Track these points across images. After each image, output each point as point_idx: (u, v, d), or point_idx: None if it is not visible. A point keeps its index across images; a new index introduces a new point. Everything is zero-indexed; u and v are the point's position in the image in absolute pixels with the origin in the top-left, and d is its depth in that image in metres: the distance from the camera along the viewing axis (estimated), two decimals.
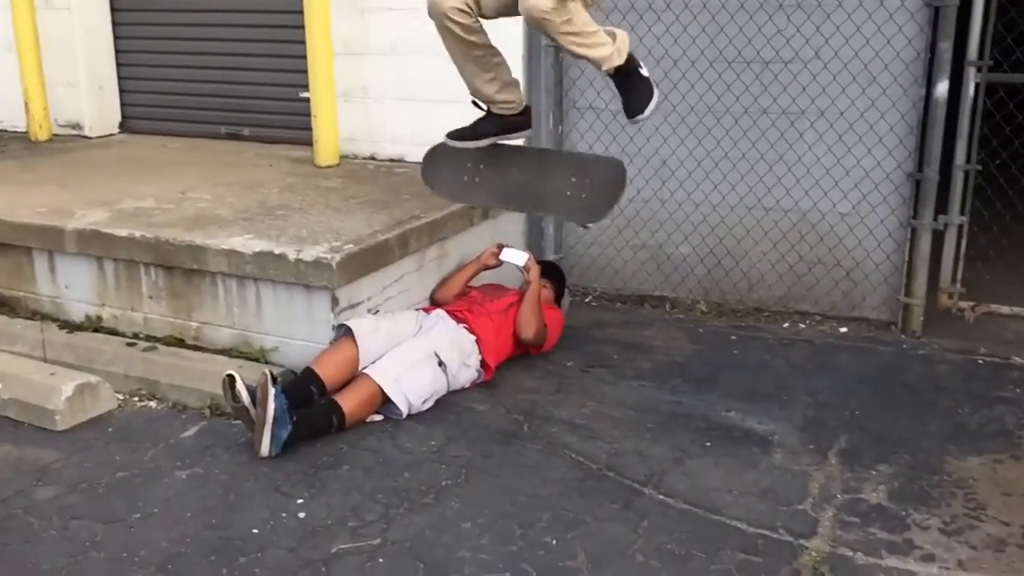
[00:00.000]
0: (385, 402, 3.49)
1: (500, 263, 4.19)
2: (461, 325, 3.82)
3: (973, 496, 2.98)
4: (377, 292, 3.90)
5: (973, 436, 3.39)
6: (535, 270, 4.14)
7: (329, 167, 5.10)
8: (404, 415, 3.49)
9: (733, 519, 2.88)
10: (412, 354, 3.56)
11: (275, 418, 3.17)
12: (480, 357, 3.78)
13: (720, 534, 2.81)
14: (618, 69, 3.13)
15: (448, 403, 3.63)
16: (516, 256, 4.19)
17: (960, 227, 4.29)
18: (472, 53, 3.21)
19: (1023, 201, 4.49)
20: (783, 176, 4.46)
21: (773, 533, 2.80)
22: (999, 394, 3.72)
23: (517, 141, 3.67)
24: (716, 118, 4.53)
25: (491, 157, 3.58)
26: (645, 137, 4.67)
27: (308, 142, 5.21)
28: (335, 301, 3.67)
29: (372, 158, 5.30)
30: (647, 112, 3.18)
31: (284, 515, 2.90)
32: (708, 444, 3.36)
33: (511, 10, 3.07)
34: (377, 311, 3.88)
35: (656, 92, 3.18)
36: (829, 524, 2.85)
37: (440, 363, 3.60)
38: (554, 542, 2.76)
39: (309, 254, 3.66)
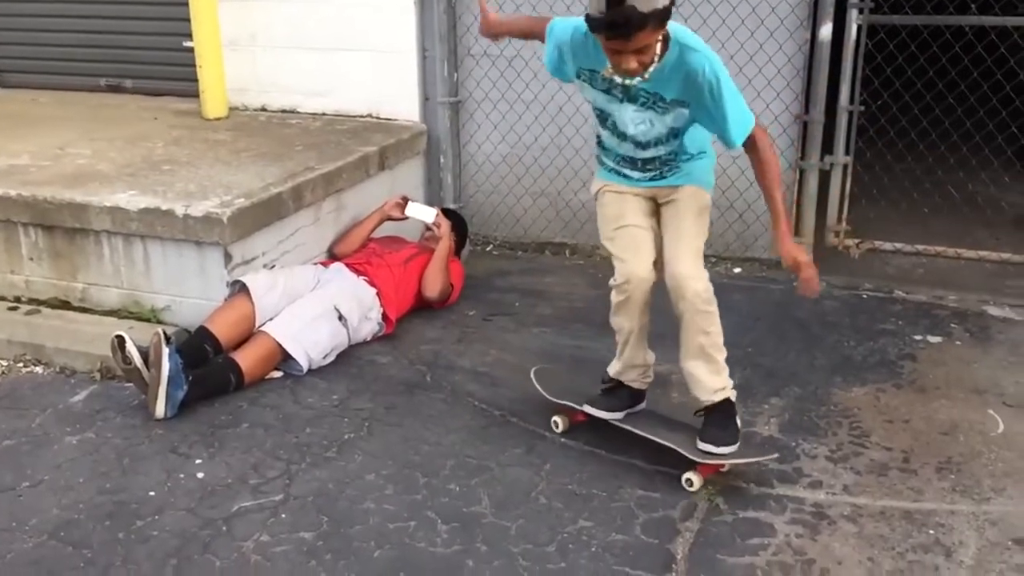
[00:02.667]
0: (285, 358, 3.43)
1: (405, 217, 4.14)
2: (361, 278, 3.77)
3: (858, 424, 3.12)
4: (272, 247, 3.81)
5: (858, 367, 3.54)
6: (446, 226, 4.12)
7: (217, 119, 4.92)
8: (304, 371, 3.44)
9: (633, 458, 2.95)
10: (311, 309, 3.51)
11: (169, 379, 3.08)
12: (381, 310, 3.75)
13: (620, 473, 2.87)
14: (720, 403, 2.83)
15: (349, 356, 3.59)
16: (423, 212, 4.15)
17: (845, 167, 4.43)
18: (644, 320, 2.91)
19: (904, 140, 4.66)
20: None
21: (671, 469, 2.87)
22: (882, 327, 3.89)
23: None
24: None
25: None
26: (541, 84, 4.65)
27: (195, 94, 5.01)
28: (228, 257, 3.57)
29: (263, 109, 5.14)
30: (719, 451, 2.75)
31: (182, 476, 2.84)
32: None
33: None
34: (273, 266, 3.79)
35: (737, 445, 2.78)
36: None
37: (340, 317, 3.55)
38: (458, 489, 2.78)
39: (198, 209, 3.54)
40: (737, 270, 4.54)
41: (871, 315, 4.01)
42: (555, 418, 3.10)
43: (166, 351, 3.07)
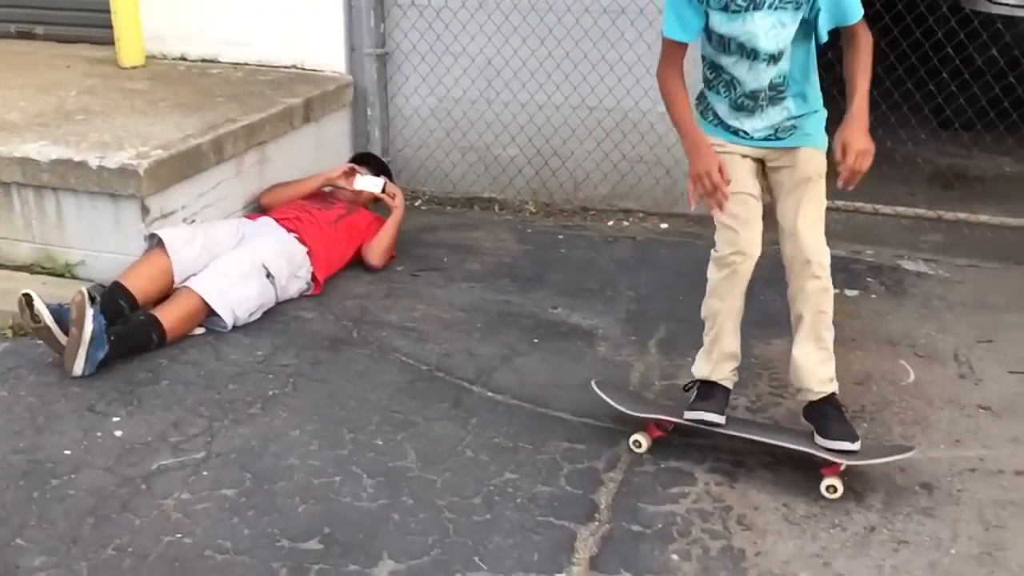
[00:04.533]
0: (209, 315, 3.36)
1: (353, 189, 4.06)
2: (292, 235, 3.70)
3: (776, 376, 3.20)
4: (192, 200, 3.71)
5: (778, 321, 3.58)
6: (400, 197, 4.07)
7: (134, 68, 4.75)
8: (229, 328, 3.38)
9: (559, 411, 2.98)
10: (239, 265, 3.43)
11: (92, 339, 3.00)
12: (311, 270, 3.69)
13: (546, 425, 2.90)
14: (830, 396, 2.68)
15: (274, 312, 3.54)
16: (371, 183, 4.08)
17: None
18: (742, 302, 2.73)
19: (827, 98, 4.71)
20: (605, 75, 4.51)
21: (596, 421, 2.92)
22: None
23: None
24: (539, 16, 4.50)
25: None
26: (470, 36, 4.59)
27: (110, 41, 4.82)
28: (145, 210, 3.47)
29: (182, 58, 4.98)
30: (852, 447, 2.55)
31: (99, 435, 2.78)
32: (536, 341, 3.43)
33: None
34: (194, 220, 3.70)
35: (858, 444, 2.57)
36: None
37: (269, 275, 3.49)
38: (384, 444, 2.78)
39: (113, 161, 3.43)
40: (664, 226, 4.58)
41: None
42: (635, 437, 2.73)
43: (90, 312, 2.99)
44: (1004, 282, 3.93)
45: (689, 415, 2.69)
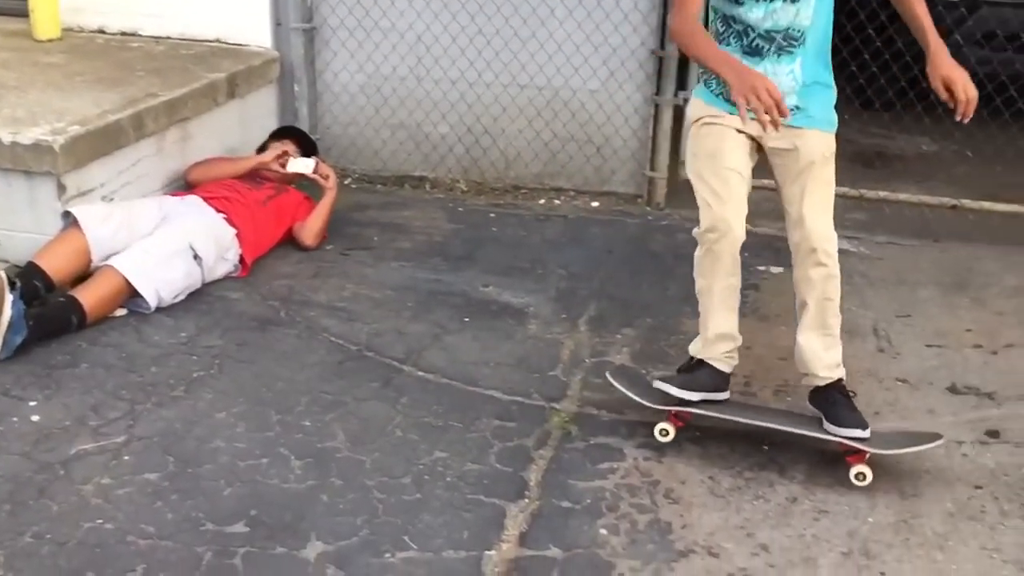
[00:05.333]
0: (131, 296, 3.27)
1: (288, 173, 3.98)
2: (220, 216, 3.62)
3: None
4: (112, 178, 3.60)
5: None
6: (333, 178, 4.00)
7: (50, 41, 4.57)
8: (152, 310, 3.29)
9: (489, 389, 2.98)
10: (166, 246, 3.34)
11: (10, 324, 2.90)
12: (239, 252, 3.62)
13: (477, 404, 2.90)
14: (837, 382, 2.64)
15: (200, 293, 3.46)
16: (303, 164, 4.00)
17: None
18: (733, 279, 2.63)
19: None
20: (536, 53, 4.49)
21: (526, 399, 2.93)
22: None
23: None
24: None
25: None
26: (399, 11, 4.53)
27: (24, 13, 4.63)
28: (62, 188, 3.36)
29: (101, 31, 4.81)
30: (864, 434, 2.53)
31: (15, 420, 2.69)
32: (466, 319, 3.43)
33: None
34: (113, 199, 3.59)
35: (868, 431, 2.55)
36: (578, 387, 3.01)
37: (195, 256, 3.41)
38: (312, 424, 2.75)
39: (27, 137, 3.31)
40: (595, 204, 4.60)
41: None
42: (662, 426, 2.66)
43: (9, 298, 2.89)
44: (921, 259, 4.05)
45: (656, 384, 2.64)
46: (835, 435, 2.56)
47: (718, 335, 2.66)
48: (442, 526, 2.35)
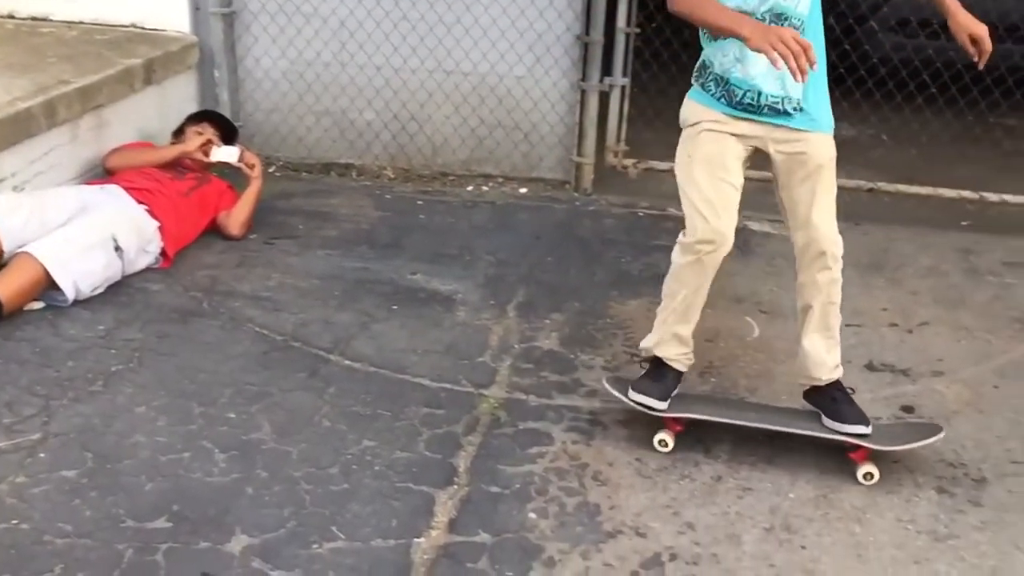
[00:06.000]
0: (48, 287, 3.16)
1: (211, 162, 3.88)
2: (142, 207, 3.52)
3: (631, 335, 3.28)
4: (23, 167, 3.48)
5: (633, 282, 3.71)
6: (259, 167, 3.92)
7: None
8: (69, 302, 3.19)
9: (418, 376, 2.96)
10: (87, 236, 3.24)
11: None
12: (161, 245, 3.53)
13: (405, 392, 2.88)
14: (837, 381, 2.64)
15: (118, 284, 3.36)
16: (227, 153, 3.91)
17: (623, 88, 4.55)
18: (707, 287, 2.60)
19: (677, 63, 4.84)
20: (461, 39, 4.47)
21: (455, 386, 2.92)
22: (656, 243, 4.07)
23: None
24: None
25: None
26: None
27: None
28: None
29: (10, 16, 4.63)
30: (868, 430, 2.53)
31: None
32: (394, 307, 3.40)
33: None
34: (24, 188, 3.47)
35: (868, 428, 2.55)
36: (506, 372, 3.01)
37: (117, 247, 3.31)
38: (237, 417, 2.70)
39: None
40: (523, 190, 4.61)
41: (647, 232, 4.20)
42: (660, 437, 2.61)
43: None
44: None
45: (634, 396, 2.61)
46: (838, 432, 2.55)
47: (681, 338, 2.64)
48: (371, 515, 2.33)
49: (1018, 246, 4.10)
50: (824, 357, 2.59)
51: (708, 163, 2.49)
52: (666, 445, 2.61)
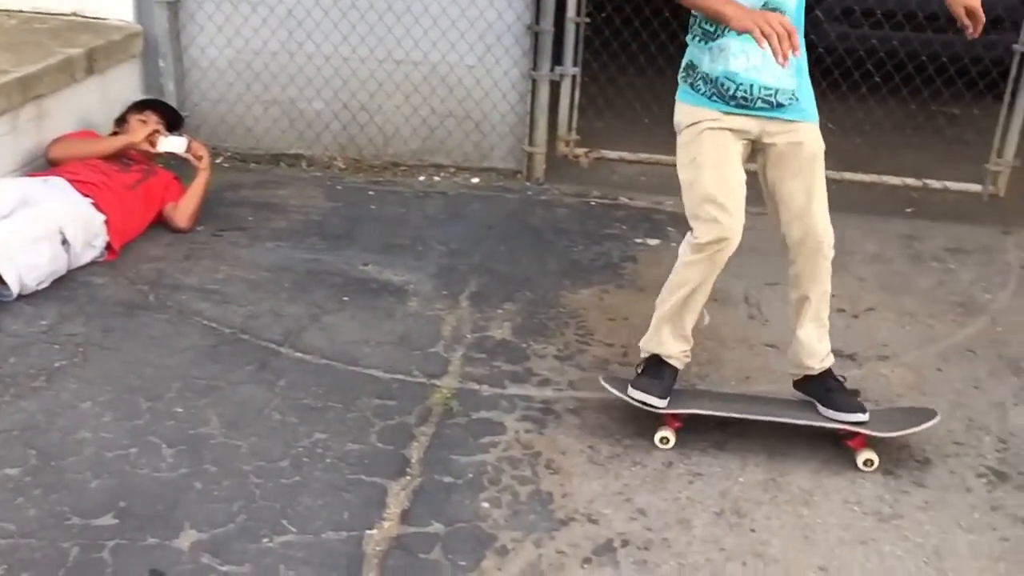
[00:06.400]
0: None
1: (159, 152, 3.80)
2: (87, 200, 3.44)
3: (583, 324, 3.29)
4: None
5: (585, 270, 3.72)
6: (207, 157, 3.85)
7: None
8: (13, 297, 3.12)
9: (369, 368, 2.95)
10: (32, 229, 3.17)
11: None
12: (106, 239, 3.46)
13: (357, 384, 2.86)
14: (829, 370, 2.67)
15: (62, 278, 3.30)
16: (175, 143, 3.83)
17: (574, 78, 4.56)
18: (709, 286, 2.60)
19: (626, 53, 4.86)
20: (411, 28, 4.44)
21: (407, 377, 2.91)
22: (608, 231, 4.10)
23: None
24: None
25: None
26: None
27: None
28: None
29: None
30: (865, 417, 2.56)
31: None
32: (345, 299, 3.38)
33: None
34: None
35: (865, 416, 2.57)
36: (459, 362, 3.01)
37: (64, 241, 3.24)
38: (185, 411, 2.66)
39: None
40: (475, 180, 4.60)
41: (598, 221, 4.22)
42: (662, 434, 2.60)
43: None
44: None
45: (634, 394, 2.59)
46: (836, 420, 2.57)
47: (683, 335, 2.65)
48: (322, 508, 2.31)
49: (960, 232, 4.20)
50: (816, 347, 2.62)
51: (714, 163, 2.48)
52: (667, 442, 2.60)
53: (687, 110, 2.54)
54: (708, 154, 2.49)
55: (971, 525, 2.36)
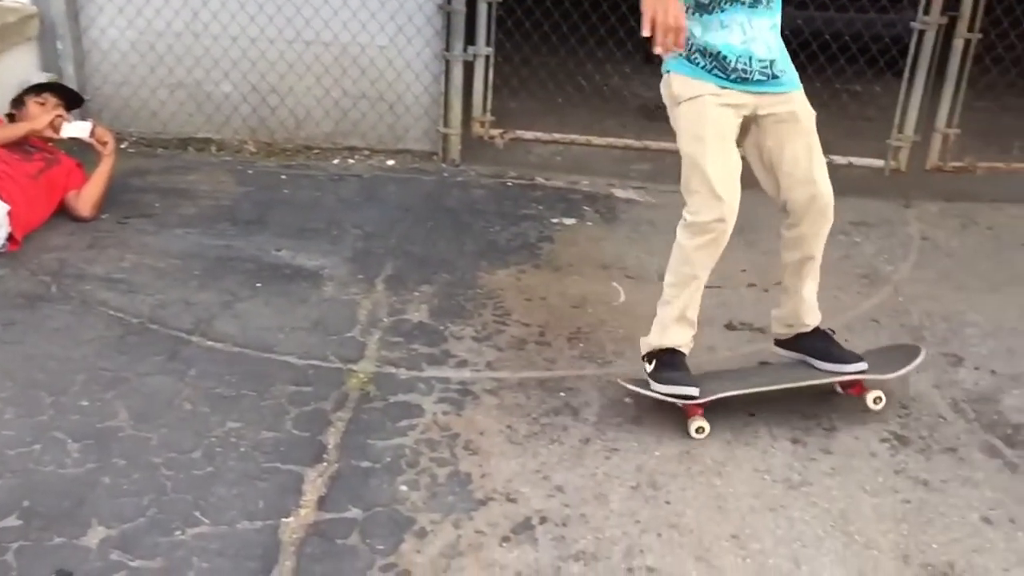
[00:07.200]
0: None
1: (59, 137, 3.66)
2: None
3: (501, 304, 3.30)
4: None
5: (502, 251, 3.73)
6: (112, 143, 3.71)
7: None
8: None
9: (284, 354, 2.90)
10: None
11: None
12: (8, 230, 3.32)
13: (271, 371, 2.82)
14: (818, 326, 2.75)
15: None
16: (79, 128, 3.68)
17: (487, 58, 4.54)
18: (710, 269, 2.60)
19: (539, 33, 4.87)
20: (320, 8, 4.36)
21: (323, 362, 2.87)
22: (524, 212, 4.11)
23: None
24: None
25: None
26: None
27: None
28: None
29: None
30: (860, 367, 2.69)
31: None
32: (258, 285, 3.32)
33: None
34: None
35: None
36: (376, 346, 2.98)
37: None
38: (91, 404, 2.58)
39: None
40: (390, 162, 4.56)
41: (515, 201, 4.22)
42: (696, 424, 2.58)
43: None
44: None
45: (666, 390, 2.59)
46: (844, 373, 2.69)
47: (690, 322, 2.65)
48: (236, 497, 2.27)
49: (864, 206, 4.32)
50: (814, 303, 2.72)
51: (718, 140, 2.48)
52: (703, 431, 2.59)
53: (686, 82, 2.51)
54: (713, 130, 2.48)
55: (875, 488, 2.44)
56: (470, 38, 4.46)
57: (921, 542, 2.25)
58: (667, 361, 2.64)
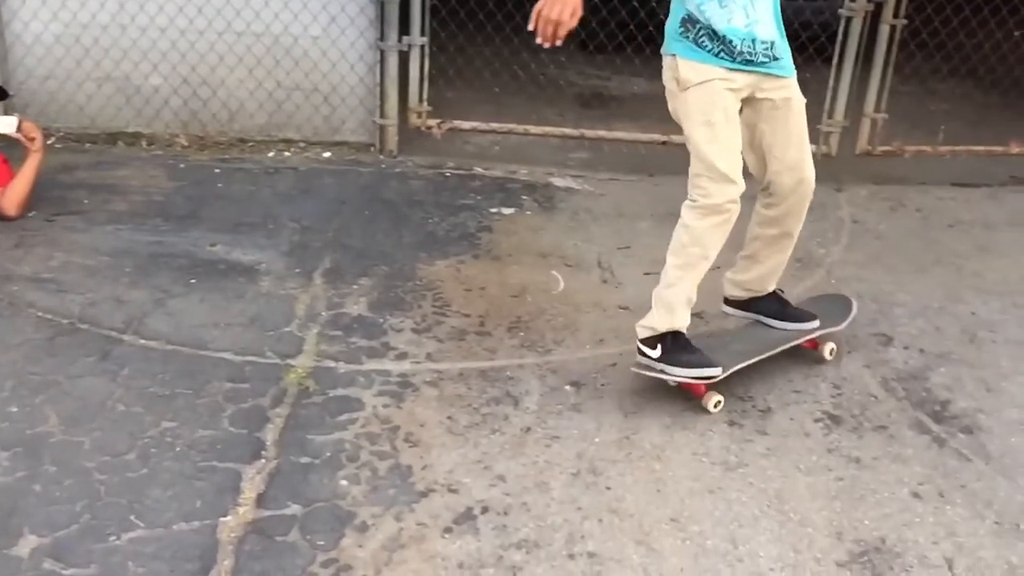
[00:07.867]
0: None
1: None
2: None
3: (440, 295, 3.29)
4: None
5: (441, 242, 3.72)
6: (39, 138, 3.60)
7: None
8: None
9: (220, 351, 2.86)
10: None
11: None
12: None
13: (207, 368, 2.77)
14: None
15: None
16: (5, 124, 3.57)
17: (422, 48, 4.52)
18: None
19: (473, 22, 4.85)
20: None
21: (260, 358, 2.84)
22: (463, 202, 4.10)
23: None
24: None
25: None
26: None
27: None
28: None
29: None
30: (816, 324, 2.89)
31: None
32: (192, 281, 3.26)
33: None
34: None
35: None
36: (314, 341, 2.96)
37: None
38: (20, 410, 2.51)
39: None
40: (327, 154, 4.51)
41: (453, 192, 4.21)
42: (714, 399, 2.66)
43: None
44: (639, 193, 4.32)
45: (688, 373, 2.62)
46: (804, 331, 2.87)
47: (691, 302, 2.69)
48: (172, 499, 2.24)
49: None
50: (780, 273, 2.90)
51: (727, 124, 2.53)
52: (720, 404, 2.68)
53: (694, 66, 2.53)
54: (722, 114, 2.52)
55: (809, 467, 2.50)
56: (404, 28, 4.42)
57: (854, 518, 2.30)
58: (679, 344, 2.66)
